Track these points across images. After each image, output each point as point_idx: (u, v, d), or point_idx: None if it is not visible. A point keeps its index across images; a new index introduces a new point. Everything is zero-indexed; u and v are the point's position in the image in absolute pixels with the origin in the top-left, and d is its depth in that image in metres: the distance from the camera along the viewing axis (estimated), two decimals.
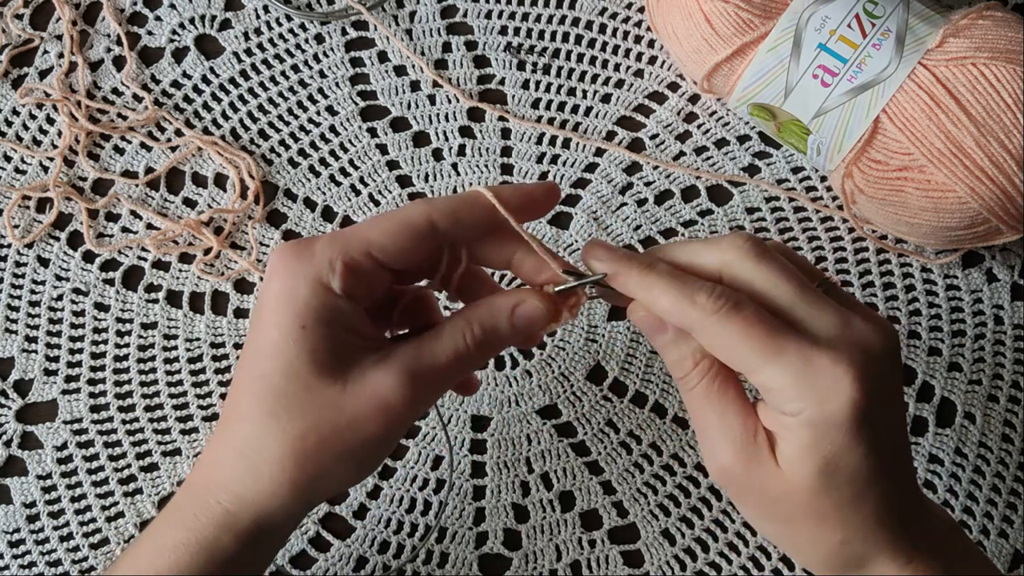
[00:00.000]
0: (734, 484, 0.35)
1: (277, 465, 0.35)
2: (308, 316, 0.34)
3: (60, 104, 0.56)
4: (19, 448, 0.51)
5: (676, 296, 0.34)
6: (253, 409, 0.35)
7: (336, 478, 0.36)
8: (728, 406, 0.35)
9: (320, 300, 0.34)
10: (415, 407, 0.35)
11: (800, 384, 0.32)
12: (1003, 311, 0.54)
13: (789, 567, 0.50)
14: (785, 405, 0.33)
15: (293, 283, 0.35)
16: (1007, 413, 0.52)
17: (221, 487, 0.36)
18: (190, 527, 0.36)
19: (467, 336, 0.36)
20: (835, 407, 0.32)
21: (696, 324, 0.34)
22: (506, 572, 0.50)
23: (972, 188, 0.47)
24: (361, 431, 0.35)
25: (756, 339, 0.33)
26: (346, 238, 0.35)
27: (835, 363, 0.32)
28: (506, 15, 0.58)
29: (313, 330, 0.34)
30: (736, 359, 0.34)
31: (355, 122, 0.57)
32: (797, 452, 0.33)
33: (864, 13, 0.49)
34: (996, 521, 0.51)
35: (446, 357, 0.36)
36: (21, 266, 0.54)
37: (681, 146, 0.56)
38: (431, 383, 0.36)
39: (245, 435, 0.35)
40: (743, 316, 0.33)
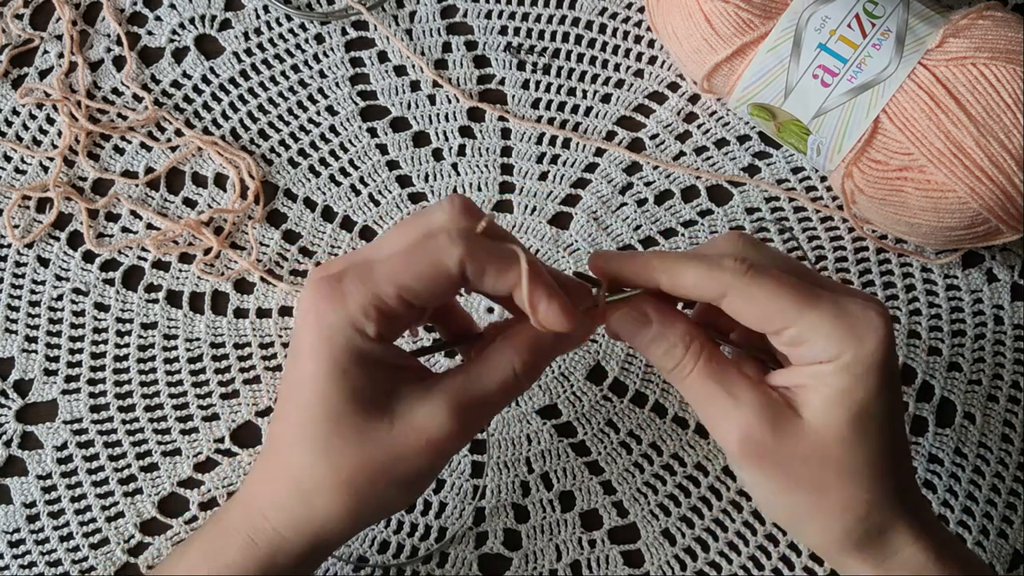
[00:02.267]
0: (760, 454, 0.35)
1: (331, 498, 0.36)
2: (347, 361, 0.34)
3: (60, 104, 0.56)
4: (19, 448, 0.51)
5: (702, 266, 0.34)
6: (303, 444, 0.35)
7: (388, 505, 0.37)
8: (733, 378, 0.35)
9: (357, 345, 0.34)
10: (463, 438, 0.36)
11: (840, 326, 0.33)
12: (1003, 311, 0.54)
13: (789, 567, 0.50)
14: (823, 352, 0.34)
15: (328, 331, 0.34)
16: (1007, 413, 0.52)
17: (278, 516, 0.37)
18: (247, 550, 0.37)
19: (515, 365, 0.36)
20: (872, 346, 0.33)
21: (730, 286, 0.34)
22: (506, 572, 0.50)
23: (972, 188, 0.47)
24: (411, 465, 0.35)
25: (791, 292, 0.34)
26: (377, 280, 0.34)
27: (866, 306, 0.34)
28: (506, 15, 0.58)
29: (354, 374, 0.35)
30: (772, 314, 0.34)
31: (355, 122, 0.57)
32: (831, 400, 0.34)
33: (864, 13, 0.49)
34: (996, 521, 0.51)
35: (493, 387, 0.36)
36: (21, 266, 0.54)
37: (681, 146, 0.56)
38: (479, 415, 0.36)
39: (298, 467, 0.36)
40: (772, 273, 0.34)
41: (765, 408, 0.34)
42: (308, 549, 0.37)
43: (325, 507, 0.36)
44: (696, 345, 0.36)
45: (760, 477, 0.36)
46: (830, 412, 0.34)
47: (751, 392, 0.35)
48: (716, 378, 0.35)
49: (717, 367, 0.36)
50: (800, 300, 0.33)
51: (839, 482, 0.34)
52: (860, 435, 0.34)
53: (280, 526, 0.37)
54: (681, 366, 0.36)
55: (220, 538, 0.38)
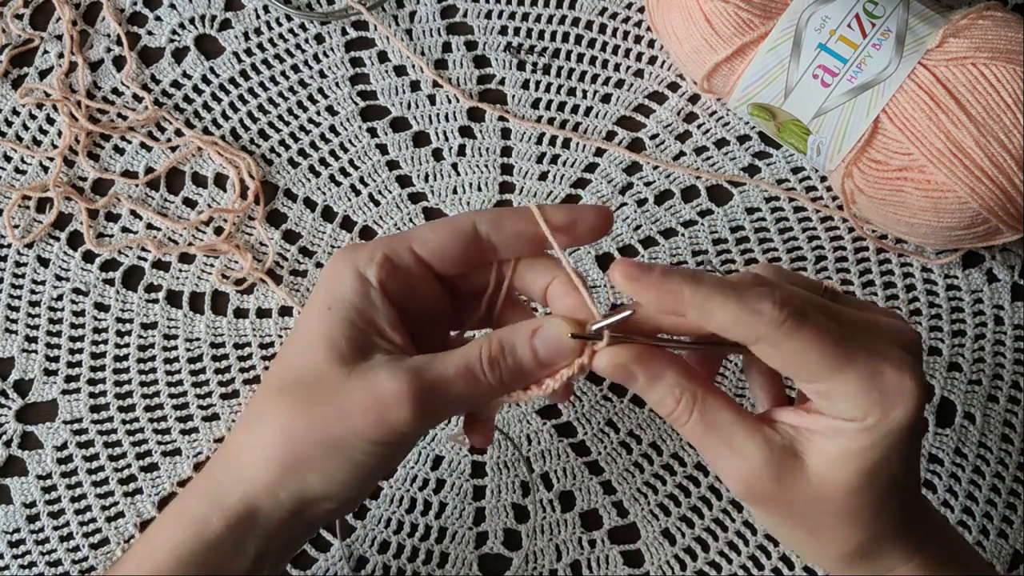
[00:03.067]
0: (764, 501, 0.34)
1: (269, 441, 0.35)
2: (335, 299, 0.35)
3: (60, 104, 0.56)
4: (19, 448, 0.51)
5: (736, 309, 0.32)
6: (268, 384, 0.36)
7: (322, 471, 0.35)
8: (732, 429, 0.34)
9: (350, 286, 0.35)
10: (414, 415, 0.33)
11: (871, 392, 0.32)
12: (1003, 311, 0.54)
13: (789, 567, 0.50)
14: (847, 412, 0.32)
15: (333, 272, 0.36)
16: (1007, 413, 0.52)
17: (222, 464, 0.36)
18: (190, 500, 0.36)
19: (483, 351, 0.34)
20: (900, 415, 0.32)
21: (762, 337, 0.32)
22: (506, 572, 0.50)
23: (972, 188, 0.47)
24: (351, 425, 0.34)
25: (826, 349, 0.32)
26: (393, 236, 0.36)
27: (901, 371, 0.32)
28: (506, 15, 0.58)
29: (335, 312, 0.35)
30: (802, 370, 0.32)
31: (355, 122, 0.57)
32: (842, 455, 0.33)
33: (864, 13, 0.49)
34: (996, 521, 0.51)
35: (455, 369, 0.34)
36: (21, 266, 0.54)
37: (681, 146, 0.56)
38: (436, 394, 0.34)
39: (252, 413, 0.36)
40: (811, 324, 0.32)
41: (766, 458, 0.33)
42: (239, 506, 0.35)
43: (262, 450, 0.34)
44: (687, 398, 0.34)
45: (762, 515, 0.36)
46: (839, 465, 0.33)
47: (751, 441, 0.34)
48: (713, 430, 0.34)
49: (713, 418, 0.34)
50: (833, 359, 0.32)
51: (839, 523, 0.34)
52: (866, 488, 0.33)
53: (221, 476, 0.36)
54: (675, 417, 0.34)
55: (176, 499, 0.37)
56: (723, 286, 0.32)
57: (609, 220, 0.36)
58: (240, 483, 0.35)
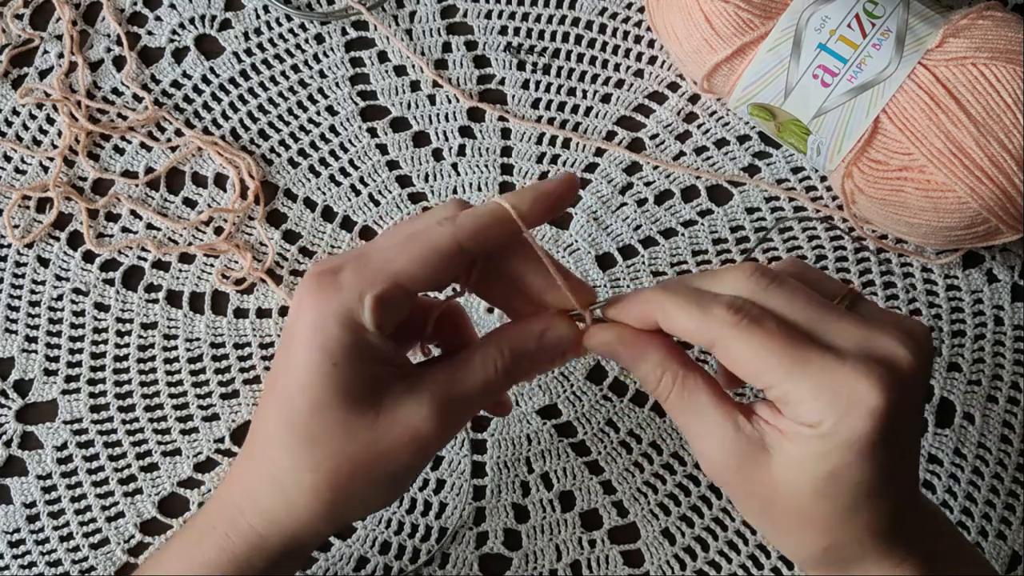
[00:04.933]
0: (725, 484, 0.36)
1: (311, 494, 0.35)
2: (338, 353, 0.34)
3: (60, 104, 0.56)
4: (19, 448, 0.51)
5: (694, 313, 0.33)
6: (286, 438, 0.35)
7: (367, 503, 0.37)
8: (707, 410, 0.35)
9: (350, 337, 0.34)
10: (446, 434, 0.36)
11: (822, 398, 0.32)
12: (1003, 312, 0.54)
13: (788, 567, 0.50)
14: (803, 417, 0.32)
15: (322, 320, 0.34)
16: (1006, 414, 0.52)
17: (254, 511, 0.36)
18: (223, 547, 0.36)
19: (497, 363, 0.36)
20: (855, 423, 0.32)
21: (717, 338, 0.33)
22: (506, 572, 0.50)
23: (972, 188, 0.47)
24: (394, 461, 0.35)
25: (777, 352, 0.32)
26: (373, 269, 0.34)
27: (859, 378, 0.32)
28: (506, 15, 0.58)
29: (344, 367, 0.34)
30: (755, 373, 0.33)
31: (355, 122, 0.57)
32: (802, 459, 0.33)
33: (864, 13, 0.49)
34: (994, 522, 0.51)
35: (477, 385, 0.36)
36: (21, 266, 0.54)
37: (681, 146, 0.56)
38: (462, 411, 0.36)
39: (278, 463, 0.35)
40: (764, 328, 0.32)
41: (733, 444, 0.34)
42: (284, 547, 0.36)
43: (303, 503, 0.35)
44: (668, 376, 0.35)
45: (731, 496, 0.37)
46: (798, 467, 0.33)
47: (723, 425, 0.34)
48: (691, 409, 0.35)
49: (691, 398, 0.35)
50: (786, 360, 0.32)
51: (801, 525, 0.34)
52: (827, 493, 0.33)
53: (256, 522, 0.36)
54: (659, 392, 0.36)
55: (197, 536, 0.38)
56: (686, 291, 0.34)
57: (574, 185, 0.37)
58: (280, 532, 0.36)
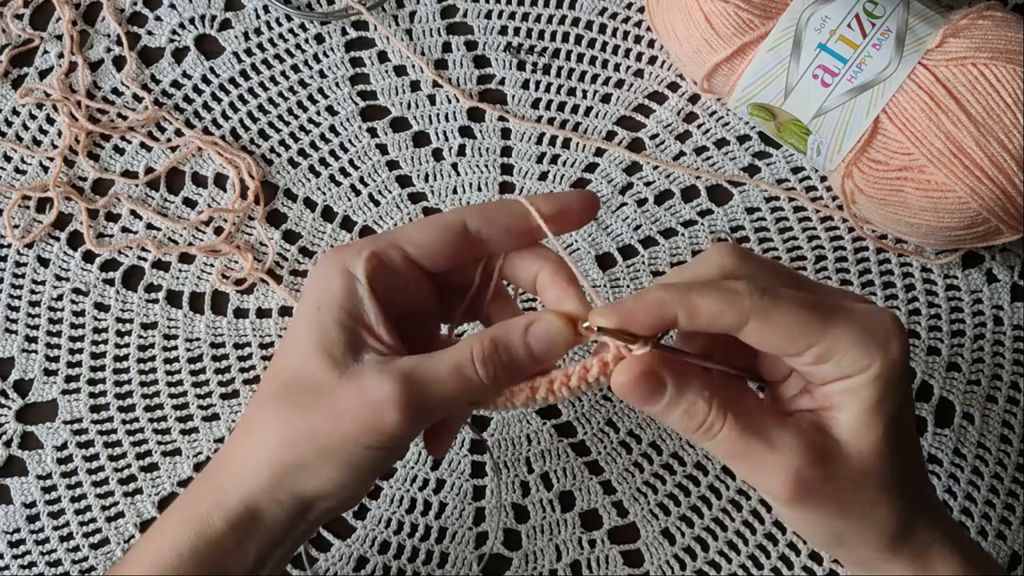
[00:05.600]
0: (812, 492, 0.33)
1: (266, 445, 0.35)
2: (324, 299, 0.35)
3: (60, 104, 0.56)
4: (19, 448, 0.51)
5: (720, 296, 0.32)
6: (263, 388, 0.36)
7: (318, 475, 0.35)
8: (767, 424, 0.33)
9: (339, 285, 0.35)
10: (405, 419, 0.33)
11: (865, 336, 0.32)
12: (1003, 312, 0.54)
13: (788, 566, 0.50)
14: (852, 364, 0.32)
15: (321, 271, 0.35)
16: (1005, 414, 0.52)
17: (223, 466, 0.37)
18: (191, 501, 0.37)
19: (474, 349, 0.34)
20: (896, 351, 0.32)
21: (751, 312, 0.32)
22: (506, 572, 0.50)
23: (972, 188, 0.47)
24: (343, 429, 0.34)
25: (809, 308, 0.32)
26: (382, 235, 0.36)
27: (879, 311, 0.33)
28: (506, 15, 0.58)
29: (325, 312, 0.35)
30: (797, 335, 0.32)
31: (355, 122, 0.57)
32: (866, 414, 0.33)
33: (864, 13, 0.49)
34: (994, 522, 0.51)
35: (447, 370, 0.34)
36: (21, 266, 0.54)
37: (681, 146, 0.56)
38: (427, 397, 0.33)
39: (250, 416, 0.36)
40: (786, 295, 0.32)
41: (807, 444, 0.32)
42: (241, 507, 0.35)
43: (258, 455, 0.35)
44: (717, 403, 0.33)
45: (809, 513, 0.34)
46: (866, 427, 0.32)
47: (787, 432, 0.33)
48: (750, 431, 0.32)
49: (747, 420, 0.33)
50: (821, 316, 0.32)
51: (882, 495, 0.33)
52: (895, 445, 0.33)
53: (224, 479, 0.36)
54: (708, 427, 0.33)
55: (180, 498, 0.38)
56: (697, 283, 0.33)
57: (595, 204, 0.37)
58: (240, 485, 0.35)
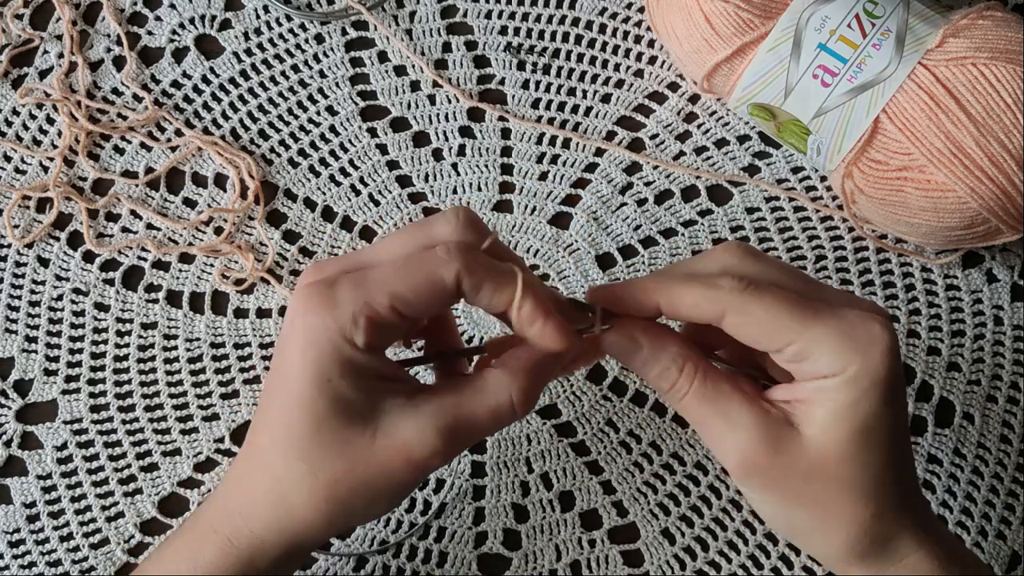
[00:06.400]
0: (759, 474, 0.35)
1: (310, 505, 0.35)
2: (333, 370, 0.34)
3: (60, 104, 0.56)
4: (19, 448, 0.51)
5: (700, 288, 0.34)
6: (287, 449, 0.35)
7: (366, 514, 0.37)
8: (730, 399, 0.35)
9: (344, 354, 0.34)
10: (446, 458, 0.35)
11: (843, 340, 0.33)
12: (1003, 312, 0.54)
13: (788, 566, 0.50)
14: (827, 366, 0.33)
15: (315, 336, 0.34)
16: (1006, 414, 0.52)
17: (255, 517, 0.36)
18: (226, 551, 0.37)
19: (514, 395, 0.35)
20: (876, 360, 0.33)
21: (728, 306, 0.33)
22: (506, 572, 0.50)
23: (972, 188, 0.47)
24: (391, 479, 0.35)
25: (790, 308, 0.33)
26: (370, 288, 0.33)
27: (869, 319, 0.33)
28: (506, 15, 0.58)
29: (339, 382, 0.34)
30: (773, 331, 0.33)
31: (355, 122, 0.57)
32: (834, 414, 0.33)
33: (864, 13, 0.49)
34: (994, 522, 0.51)
35: (486, 412, 0.35)
36: (21, 266, 0.54)
37: (681, 146, 0.56)
38: (466, 438, 0.36)
39: (279, 471, 0.35)
40: (770, 290, 0.33)
41: (762, 428, 0.34)
42: (285, 551, 0.37)
43: (303, 513, 0.36)
44: (690, 366, 0.35)
45: (762, 494, 0.36)
46: (833, 427, 0.33)
47: (747, 412, 0.34)
48: (711, 400, 0.35)
49: (712, 389, 0.35)
50: (801, 315, 0.33)
51: (842, 497, 0.34)
52: (863, 449, 0.33)
53: (258, 528, 0.36)
54: (675, 389, 0.35)
55: (198, 538, 0.38)
56: (684, 274, 0.35)
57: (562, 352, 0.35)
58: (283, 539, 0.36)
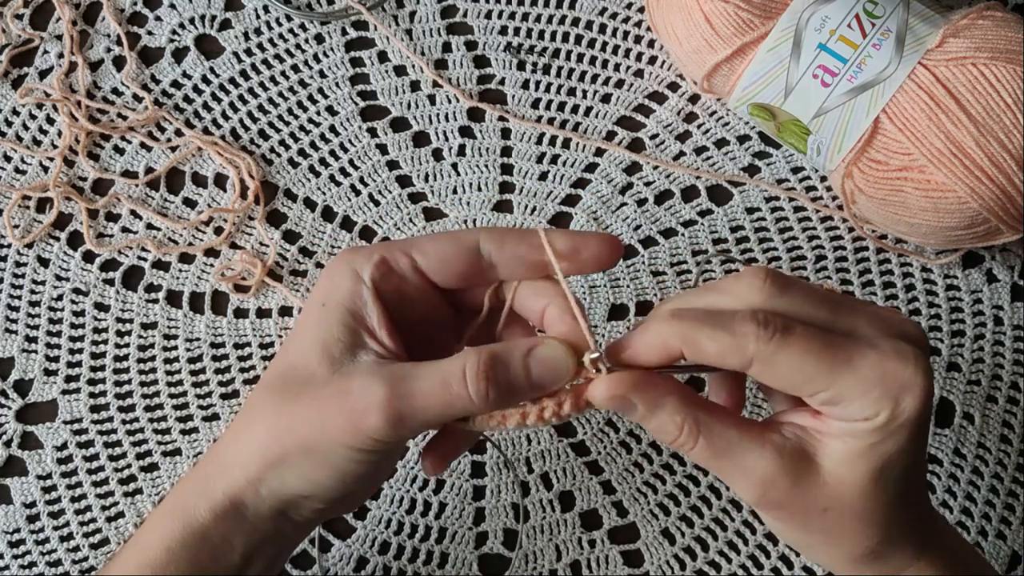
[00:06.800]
0: (779, 508, 0.34)
1: (254, 438, 0.35)
2: (330, 296, 0.35)
3: (60, 104, 0.56)
4: (19, 448, 0.51)
5: (724, 337, 0.32)
6: (261, 382, 0.37)
7: (300, 473, 0.35)
8: (740, 447, 0.33)
9: (346, 285, 0.35)
10: (387, 425, 0.33)
11: (875, 391, 0.32)
12: (1003, 312, 0.54)
13: (788, 566, 0.50)
14: (858, 413, 0.32)
15: (331, 271, 0.36)
16: (1006, 414, 0.52)
17: (214, 455, 0.37)
18: (181, 492, 0.37)
19: (468, 363, 0.33)
20: (908, 406, 0.32)
21: (756, 356, 0.32)
22: (506, 572, 0.50)
23: (972, 188, 0.47)
24: (325, 427, 0.34)
25: (818, 356, 0.32)
26: (395, 242, 0.36)
27: (903, 365, 0.32)
28: (506, 15, 0.58)
29: (329, 310, 0.35)
30: (801, 383, 0.32)
31: (355, 122, 0.57)
32: (855, 453, 0.33)
33: (864, 13, 0.49)
34: (994, 523, 0.51)
35: (436, 380, 0.33)
36: (21, 266, 0.54)
37: (681, 146, 0.56)
38: (412, 405, 0.33)
39: (247, 406, 0.37)
40: (797, 336, 0.32)
41: (778, 467, 0.33)
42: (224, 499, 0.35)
43: (245, 446, 0.35)
44: (689, 423, 0.33)
45: (776, 523, 0.35)
46: (854, 464, 0.33)
47: (760, 457, 0.33)
48: (720, 453, 0.33)
49: (719, 441, 0.33)
50: (831, 361, 0.32)
51: (852, 526, 0.34)
52: (879, 485, 0.33)
53: (211, 467, 0.36)
54: (680, 444, 0.34)
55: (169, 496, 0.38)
56: (706, 317, 0.32)
57: (617, 250, 0.35)
58: (224, 476, 0.36)
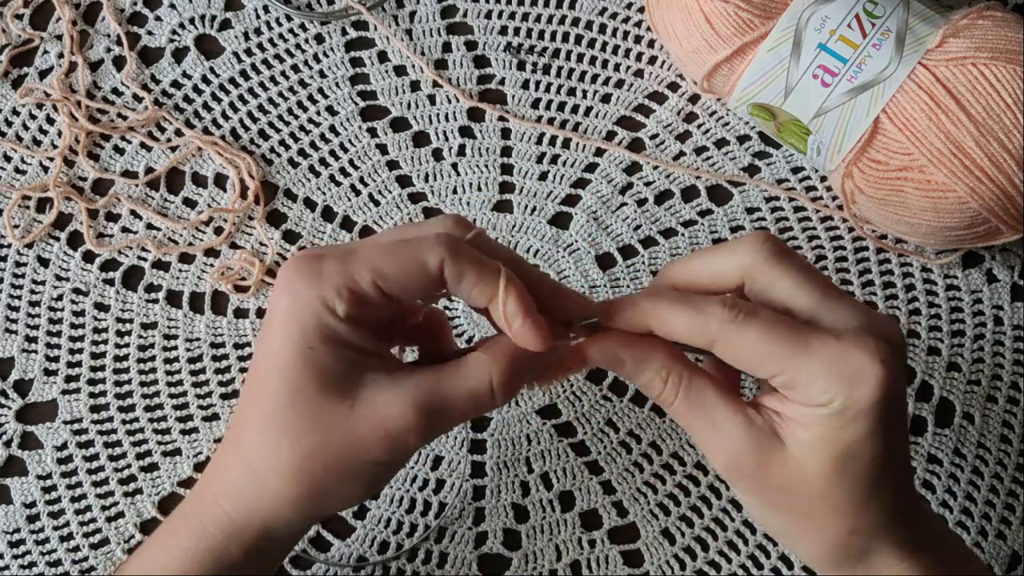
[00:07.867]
0: (744, 477, 0.35)
1: (284, 480, 0.35)
2: (315, 337, 0.34)
3: (60, 104, 0.56)
4: (19, 448, 0.51)
5: (687, 313, 0.34)
6: (263, 423, 0.35)
7: (340, 497, 0.37)
8: (716, 407, 0.35)
9: (326, 323, 0.34)
10: (423, 436, 0.35)
11: (829, 376, 0.33)
12: (1003, 312, 0.54)
13: (788, 566, 0.50)
14: (814, 398, 0.33)
15: (300, 304, 0.34)
16: (1006, 414, 0.52)
17: (229, 497, 0.36)
18: (199, 535, 0.37)
19: (494, 376, 0.35)
20: (863, 393, 0.33)
21: (717, 336, 0.34)
22: (506, 572, 0.50)
23: (972, 188, 0.47)
24: (367, 454, 0.35)
25: (778, 339, 0.33)
26: (355, 263, 0.34)
27: (862, 351, 0.33)
28: (506, 15, 0.58)
29: (320, 350, 0.34)
30: (761, 362, 0.34)
31: (355, 122, 0.57)
32: (817, 440, 0.34)
33: (864, 13, 0.49)
34: (994, 523, 0.51)
35: (464, 393, 0.35)
36: (21, 266, 0.54)
37: (681, 146, 0.56)
38: (443, 417, 0.35)
39: (255, 447, 0.36)
40: (760, 319, 0.33)
41: (748, 437, 0.35)
42: (258, 534, 0.36)
43: (274, 488, 0.35)
44: (674, 377, 0.36)
45: (747, 495, 0.37)
46: (814, 450, 0.34)
47: (733, 421, 0.35)
48: (698, 408, 0.35)
49: (697, 396, 0.36)
50: (791, 344, 0.33)
51: (819, 511, 0.35)
52: (843, 472, 0.34)
53: (230, 508, 0.36)
54: (663, 398, 0.36)
55: (176, 525, 0.38)
56: (679, 298, 0.35)
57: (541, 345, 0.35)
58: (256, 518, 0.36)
